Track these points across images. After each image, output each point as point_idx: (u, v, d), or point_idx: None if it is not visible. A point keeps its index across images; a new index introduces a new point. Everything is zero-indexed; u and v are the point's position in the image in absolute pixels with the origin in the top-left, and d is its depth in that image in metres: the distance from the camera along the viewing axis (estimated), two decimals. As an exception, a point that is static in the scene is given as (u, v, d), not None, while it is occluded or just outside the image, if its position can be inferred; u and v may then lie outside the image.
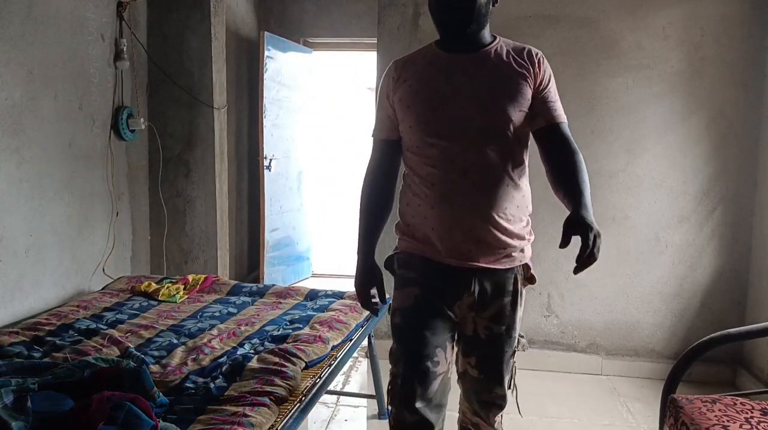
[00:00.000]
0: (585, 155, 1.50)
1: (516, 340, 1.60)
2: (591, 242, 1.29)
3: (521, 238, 1.55)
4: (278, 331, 2.17)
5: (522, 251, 1.55)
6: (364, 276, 1.63)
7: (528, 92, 1.48)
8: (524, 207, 1.55)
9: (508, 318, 1.56)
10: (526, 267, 1.58)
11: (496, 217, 1.48)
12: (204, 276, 2.87)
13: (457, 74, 1.49)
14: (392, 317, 1.60)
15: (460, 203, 1.47)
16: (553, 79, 1.54)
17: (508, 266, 1.53)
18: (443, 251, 1.50)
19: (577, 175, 1.45)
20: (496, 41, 1.54)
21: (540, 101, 1.51)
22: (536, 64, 1.50)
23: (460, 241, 1.48)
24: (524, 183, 1.55)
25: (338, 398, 2.94)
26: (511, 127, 1.47)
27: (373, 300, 1.65)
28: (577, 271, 1.33)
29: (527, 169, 1.56)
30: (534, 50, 1.53)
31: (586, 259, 1.30)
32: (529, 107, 1.49)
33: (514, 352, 1.61)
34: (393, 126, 1.59)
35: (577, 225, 1.33)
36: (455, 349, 1.62)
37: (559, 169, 1.48)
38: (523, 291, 1.59)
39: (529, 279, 1.60)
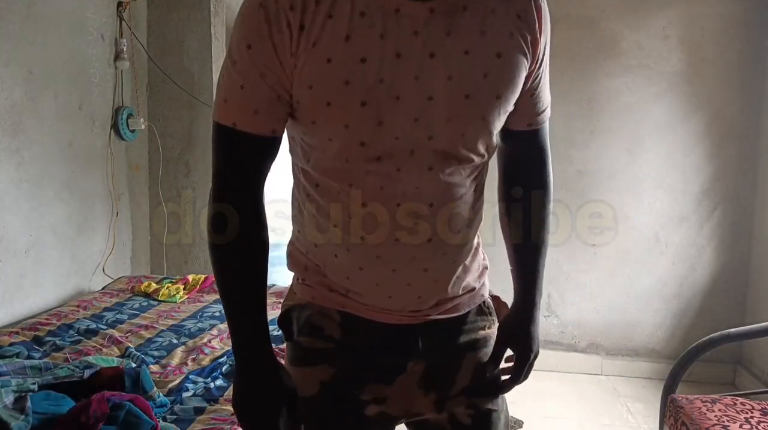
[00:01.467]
0: (585, 155, 1.43)
1: (506, 414, 1.05)
2: (528, 369, 1.03)
3: (476, 256, 1.02)
4: (278, 331, 2.17)
5: (480, 275, 1.03)
6: (265, 392, 0.90)
7: (522, 78, 0.89)
8: (479, 221, 0.99)
9: (494, 382, 1.03)
10: (493, 298, 1.06)
11: (462, 264, 0.96)
12: (204, 276, 2.87)
13: (408, 44, 0.80)
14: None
15: (407, 262, 0.89)
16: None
17: (471, 305, 1.00)
18: (377, 306, 0.93)
19: (541, 240, 1.03)
20: None
21: (529, 90, 0.94)
22: (539, 20, 0.89)
23: (404, 296, 0.93)
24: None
25: (338, 398, 2.93)
26: (490, 140, 0.90)
27: None
28: (504, 390, 1.03)
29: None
30: None
31: (514, 383, 1.03)
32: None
33: None
34: (280, 114, 0.88)
35: (521, 345, 1.02)
36: None
37: (520, 212, 1.04)
38: (493, 332, 1.04)
39: (498, 309, 1.06)
